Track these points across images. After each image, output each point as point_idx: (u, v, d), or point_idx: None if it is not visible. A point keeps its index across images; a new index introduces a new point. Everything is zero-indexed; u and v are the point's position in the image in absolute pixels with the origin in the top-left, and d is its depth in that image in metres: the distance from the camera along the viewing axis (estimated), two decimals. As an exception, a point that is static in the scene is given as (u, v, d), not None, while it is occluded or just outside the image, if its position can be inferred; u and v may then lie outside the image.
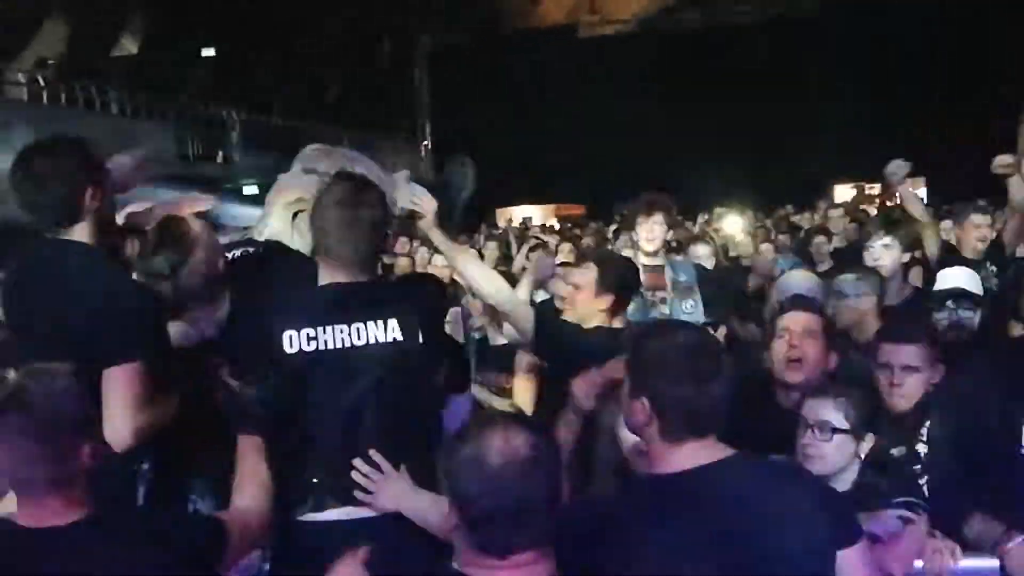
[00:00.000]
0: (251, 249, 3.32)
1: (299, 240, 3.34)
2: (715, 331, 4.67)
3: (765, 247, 8.18)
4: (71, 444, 2.13)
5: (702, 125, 23.36)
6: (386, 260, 7.40)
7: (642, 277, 4.71)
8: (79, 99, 19.17)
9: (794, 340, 3.33)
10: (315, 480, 2.72)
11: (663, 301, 5.05)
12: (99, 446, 2.25)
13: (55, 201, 2.81)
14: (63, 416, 2.12)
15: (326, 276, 2.83)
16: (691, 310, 5.07)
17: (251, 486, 2.59)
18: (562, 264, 5.60)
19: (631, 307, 4.28)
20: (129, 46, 21.39)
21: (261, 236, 3.43)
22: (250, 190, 20.21)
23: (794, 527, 2.12)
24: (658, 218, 5.13)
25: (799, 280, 4.74)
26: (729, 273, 7.27)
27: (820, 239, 8.50)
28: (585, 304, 3.82)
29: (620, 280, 3.88)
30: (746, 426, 2.98)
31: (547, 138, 23.90)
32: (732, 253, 9.28)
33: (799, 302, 3.57)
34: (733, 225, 11.22)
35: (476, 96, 25.44)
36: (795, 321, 3.38)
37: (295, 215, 3.39)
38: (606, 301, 3.79)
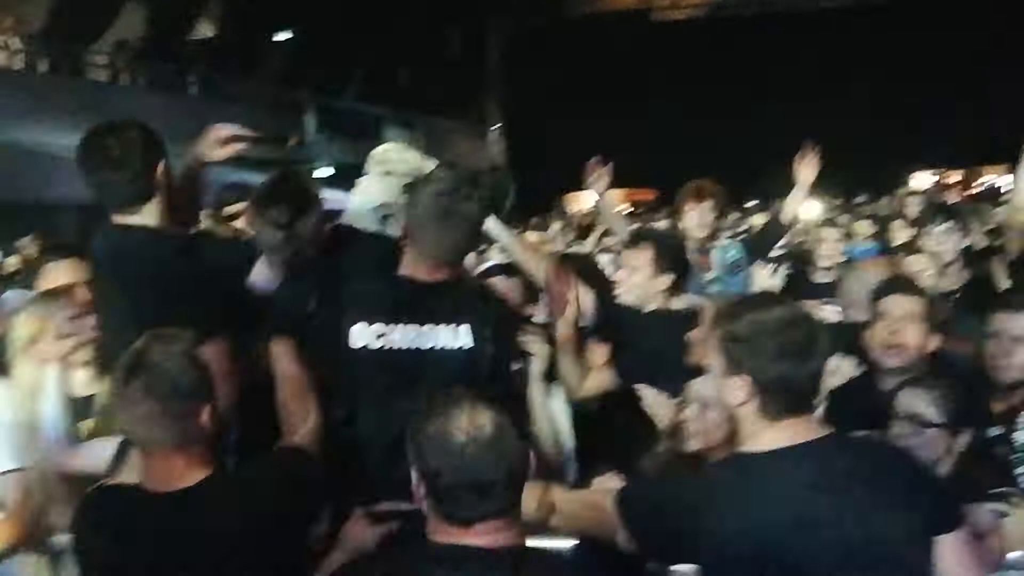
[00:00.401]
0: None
1: None
2: None
3: (827, 232, 7.81)
4: (191, 405, 2.26)
5: (776, 110, 23.00)
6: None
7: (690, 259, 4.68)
8: (157, 81, 19.52)
9: (893, 324, 3.24)
10: (367, 475, 2.71)
11: (713, 281, 5.02)
12: (217, 409, 2.35)
13: (130, 178, 2.84)
14: (182, 378, 2.24)
15: (408, 266, 2.80)
16: (742, 284, 5.04)
17: (301, 398, 2.70)
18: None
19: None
20: (206, 29, 21.66)
21: None
22: (323, 172, 20.40)
23: (891, 509, 2.07)
24: (707, 204, 5.12)
25: None
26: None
27: (898, 224, 8.28)
28: (643, 286, 3.74)
29: (678, 259, 3.81)
30: (846, 407, 2.92)
31: (618, 123, 23.70)
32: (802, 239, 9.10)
33: (898, 285, 3.46)
34: (809, 211, 10.99)
35: (546, 80, 25.33)
36: (895, 305, 3.29)
37: (383, 219, 3.38)
38: (665, 281, 3.72)
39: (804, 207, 11.45)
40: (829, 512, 2.04)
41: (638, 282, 3.75)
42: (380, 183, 3.43)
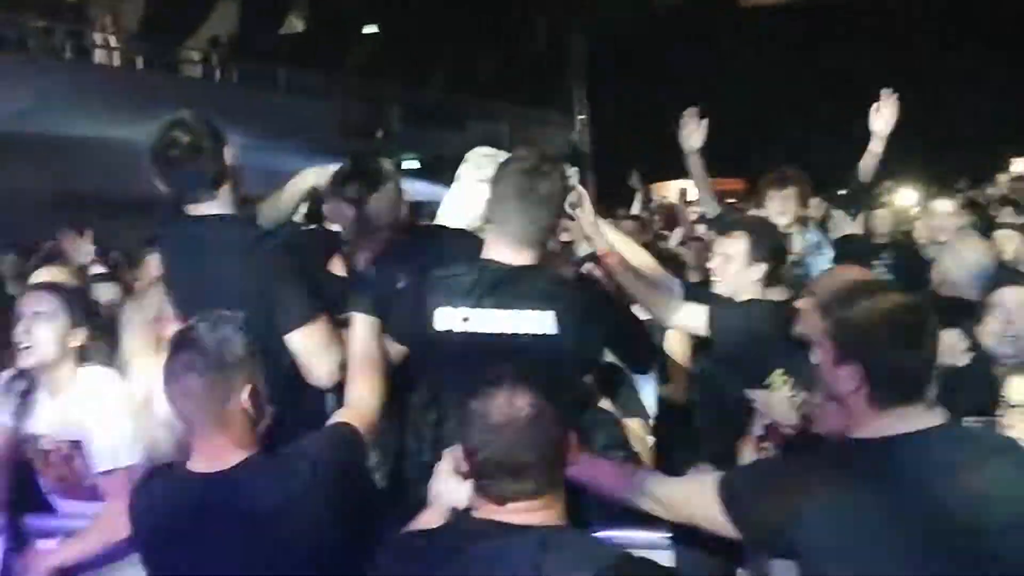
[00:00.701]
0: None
1: None
2: None
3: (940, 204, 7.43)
4: (232, 383, 2.28)
5: (868, 97, 22.50)
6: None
7: None
8: (248, 77, 19.89)
9: (1008, 316, 3.20)
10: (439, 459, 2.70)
11: (797, 264, 4.92)
12: (260, 390, 2.36)
13: (209, 161, 2.87)
14: (226, 356, 2.28)
15: (490, 250, 2.77)
16: (827, 265, 4.96)
17: (366, 376, 2.69)
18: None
19: None
20: (295, 24, 22.00)
21: None
22: (409, 164, 20.57)
23: (1003, 502, 2.01)
24: (790, 192, 5.04)
25: None
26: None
27: (1007, 210, 8.05)
28: (737, 276, 3.65)
29: (773, 248, 3.71)
30: (961, 396, 2.85)
31: (705, 111, 23.40)
32: (904, 228, 8.89)
33: (1013, 276, 3.39)
34: (906, 199, 10.76)
35: (632, 69, 25.16)
36: (1009, 296, 3.24)
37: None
38: (760, 271, 3.62)
39: (900, 196, 11.23)
40: (939, 503, 1.99)
41: (732, 271, 3.66)
42: (473, 190, 3.42)
